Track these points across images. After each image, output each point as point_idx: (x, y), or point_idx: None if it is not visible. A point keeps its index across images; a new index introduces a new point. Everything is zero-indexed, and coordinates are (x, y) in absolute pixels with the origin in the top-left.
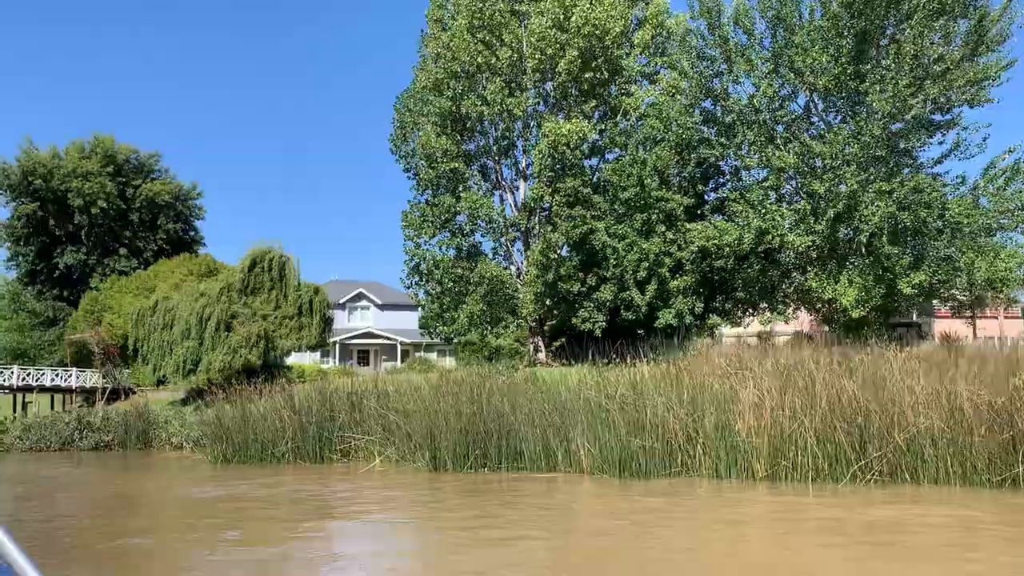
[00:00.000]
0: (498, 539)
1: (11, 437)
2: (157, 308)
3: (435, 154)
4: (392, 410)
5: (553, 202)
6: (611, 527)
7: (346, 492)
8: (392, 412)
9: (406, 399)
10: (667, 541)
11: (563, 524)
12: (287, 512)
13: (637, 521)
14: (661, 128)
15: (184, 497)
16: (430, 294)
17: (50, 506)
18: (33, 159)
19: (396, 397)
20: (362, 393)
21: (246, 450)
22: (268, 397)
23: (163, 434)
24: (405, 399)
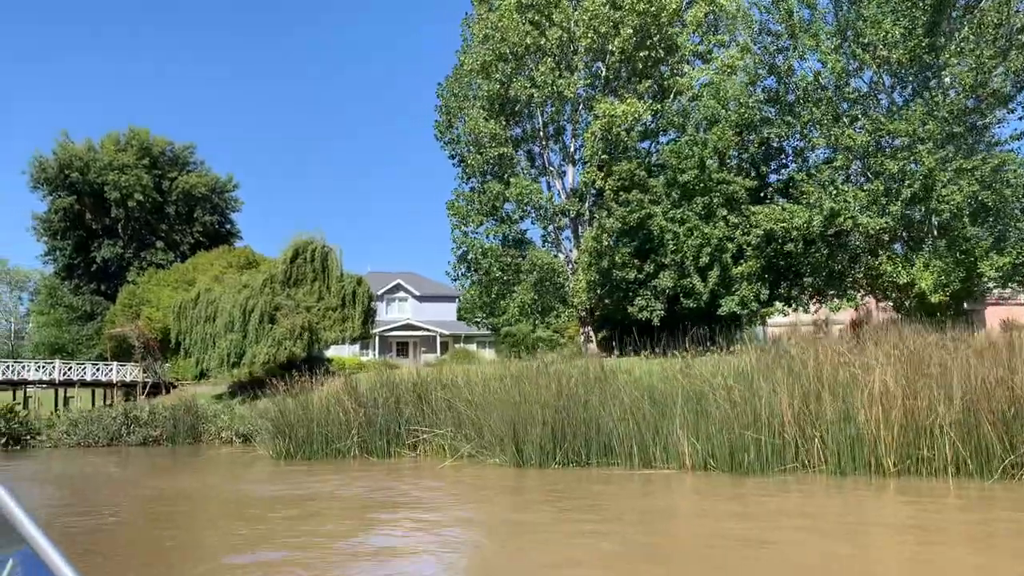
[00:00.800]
0: (620, 542)
1: (58, 432)
2: (199, 300)
3: (483, 139)
4: (465, 402)
5: (606, 187)
6: (748, 530)
7: (431, 489)
8: (464, 404)
9: (478, 390)
10: (822, 546)
11: (692, 528)
12: (374, 509)
13: (775, 524)
14: (719, 108)
15: (260, 495)
16: (477, 284)
17: (124, 504)
18: (69, 152)
19: (467, 388)
20: (427, 384)
21: (309, 445)
22: (318, 389)
23: (212, 428)
24: (477, 390)
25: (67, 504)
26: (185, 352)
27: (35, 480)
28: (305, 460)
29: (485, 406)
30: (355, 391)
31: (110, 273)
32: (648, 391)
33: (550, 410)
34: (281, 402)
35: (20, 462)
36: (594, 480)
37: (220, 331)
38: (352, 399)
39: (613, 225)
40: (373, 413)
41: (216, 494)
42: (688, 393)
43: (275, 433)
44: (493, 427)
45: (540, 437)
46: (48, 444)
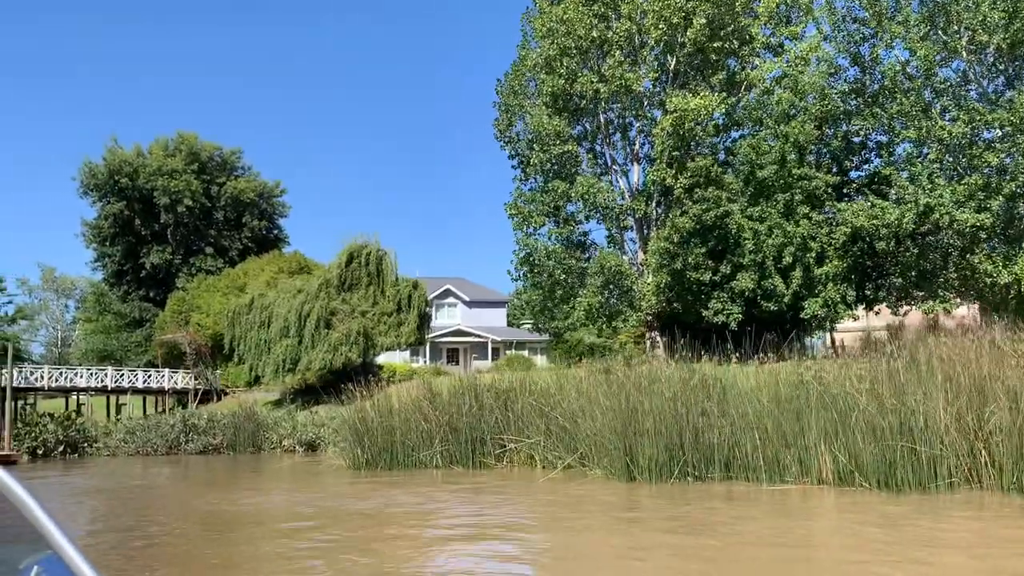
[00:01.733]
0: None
1: (115, 440)
2: (253, 306)
3: (546, 137)
4: (560, 410)
5: (676, 184)
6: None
7: (539, 506)
8: (558, 412)
9: (570, 396)
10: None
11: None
12: (481, 530)
13: (988, 551)
14: (796, 101)
15: (353, 509)
16: (540, 287)
17: (218, 525)
18: (118, 157)
19: (559, 394)
20: (512, 390)
21: (391, 454)
22: (378, 395)
23: (274, 436)
24: (570, 396)
25: (144, 519)
26: (239, 358)
27: (100, 492)
28: (385, 470)
29: (581, 414)
30: (435, 397)
31: (159, 279)
32: (774, 399)
33: (665, 419)
34: (360, 409)
35: (79, 471)
36: (721, 497)
37: (275, 337)
38: (433, 405)
39: (686, 224)
40: (457, 421)
41: (309, 511)
42: (824, 400)
43: (353, 441)
44: (594, 437)
45: (653, 448)
46: (106, 452)
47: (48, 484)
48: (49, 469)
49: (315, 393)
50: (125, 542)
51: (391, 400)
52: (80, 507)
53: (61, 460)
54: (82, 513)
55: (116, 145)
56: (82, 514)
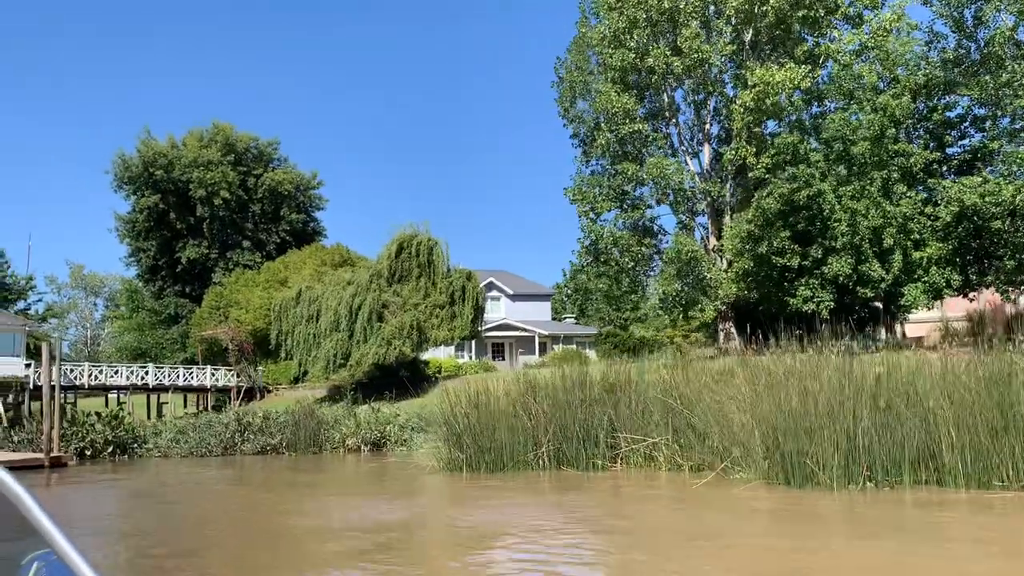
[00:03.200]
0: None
1: (165, 440)
2: (300, 299)
3: (615, 116)
4: (686, 404)
5: (758, 163)
6: None
7: (741, 516)
8: (685, 406)
9: (693, 387)
10: None
11: None
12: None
13: None
14: (885, 72)
15: (489, 528)
16: (607, 276)
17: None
18: (153, 149)
19: (685, 386)
20: (620, 384)
21: (495, 455)
22: (435, 391)
23: (335, 435)
24: (692, 388)
25: (246, 539)
26: (286, 354)
27: (166, 501)
28: (487, 473)
29: (719, 410)
30: (536, 391)
31: (195, 274)
32: (979, 389)
33: (846, 414)
34: (455, 404)
35: (134, 473)
36: (952, 505)
37: (324, 331)
38: (537, 400)
39: (772, 205)
40: (566, 417)
41: (459, 527)
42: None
43: (450, 441)
44: (739, 435)
45: (825, 449)
46: (156, 453)
47: (104, 488)
48: (99, 471)
49: (363, 389)
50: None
51: (480, 395)
52: (149, 519)
53: (110, 462)
54: (158, 530)
55: (150, 136)
56: (158, 531)
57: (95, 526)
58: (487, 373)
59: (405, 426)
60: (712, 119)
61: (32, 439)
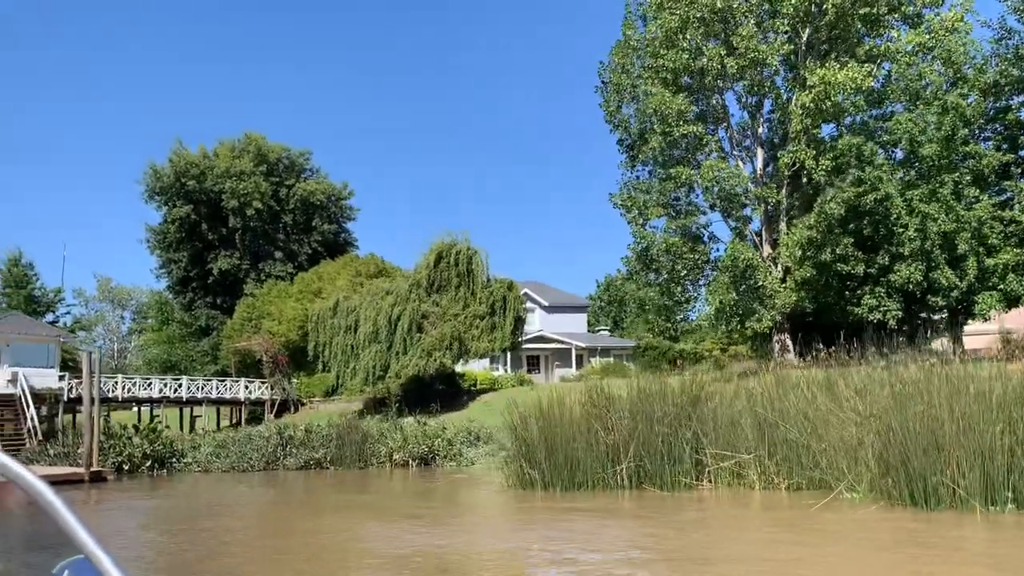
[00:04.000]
0: None
1: (204, 454)
2: (337, 310)
3: (668, 118)
4: (786, 420)
5: (818, 166)
6: None
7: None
8: (781, 421)
9: (789, 401)
10: None
11: None
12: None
13: None
14: (949, 72)
15: None
16: (657, 285)
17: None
18: (184, 159)
19: (779, 399)
20: (701, 397)
21: (573, 472)
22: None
23: (382, 450)
24: (787, 401)
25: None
26: (323, 366)
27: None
28: (564, 492)
29: (823, 424)
30: (611, 403)
31: (226, 286)
32: None
33: (982, 429)
34: (522, 416)
35: (173, 490)
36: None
37: (362, 342)
38: (612, 413)
39: (835, 210)
40: (648, 432)
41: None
42: None
43: (522, 456)
44: (853, 452)
45: (959, 467)
46: (196, 468)
47: (146, 504)
48: (139, 487)
49: (399, 403)
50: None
51: (552, 407)
52: (201, 543)
53: (148, 476)
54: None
55: (181, 147)
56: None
57: (144, 549)
58: (560, 384)
59: (454, 440)
60: (766, 122)
61: (68, 453)
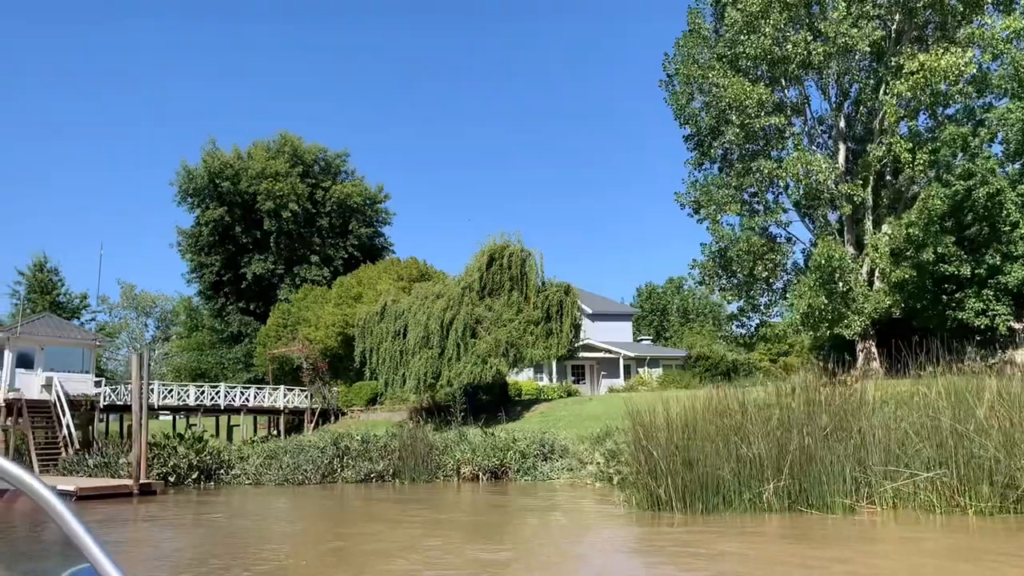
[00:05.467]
0: None
1: (254, 466)
2: (385, 314)
3: (748, 108)
4: (982, 433)
5: (916, 160)
6: None
7: None
8: (976, 433)
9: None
10: None
11: None
12: None
13: None
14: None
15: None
16: (735, 287)
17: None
18: (218, 160)
19: (962, 410)
20: (854, 407)
21: (708, 491)
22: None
23: (449, 462)
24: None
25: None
26: (371, 372)
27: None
28: (703, 515)
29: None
30: (745, 412)
31: (260, 291)
32: None
33: None
34: (646, 427)
35: (230, 504)
36: None
37: (413, 347)
38: (750, 422)
39: (938, 207)
40: (798, 446)
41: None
42: None
43: (646, 473)
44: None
45: None
46: (246, 480)
47: (204, 520)
48: (191, 500)
49: (445, 412)
50: None
51: (679, 416)
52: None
53: (195, 488)
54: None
55: (215, 148)
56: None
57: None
58: (668, 392)
59: (527, 452)
60: (849, 115)
61: (109, 463)
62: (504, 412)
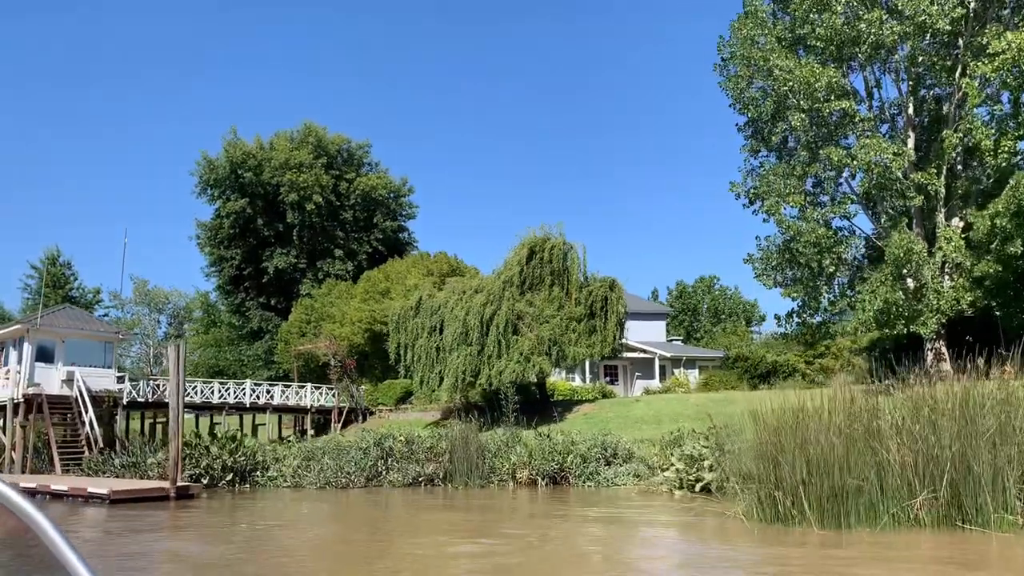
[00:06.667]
0: None
1: (291, 468)
2: (421, 308)
3: (817, 92)
4: None
5: (1002, 146)
6: None
7: None
8: None
9: None
10: None
11: None
12: None
13: None
14: None
15: None
16: (799, 284)
17: None
18: (240, 150)
19: None
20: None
21: (841, 503)
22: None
23: (504, 465)
24: None
25: None
26: (406, 370)
27: None
28: (832, 530)
29: None
30: (876, 415)
31: (281, 285)
32: None
33: None
34: (777, 430)
35: (277, 509)
36: None
37: (450, 344)
38: (901, 429)
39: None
40: (952, 454)
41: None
42: None
43: (766, 481)
44: None
45: None
46: (283, 483)
47: (263, 531)
48: (232, 505)
49: (480, 413)
50: None
51: (810, 418)
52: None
53: (229, 491)
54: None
55: (236, 138)
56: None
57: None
58: (717, 394)
59: (588, 456)
60: (922, 100)
61: (137, 463)
62: (541, 414)
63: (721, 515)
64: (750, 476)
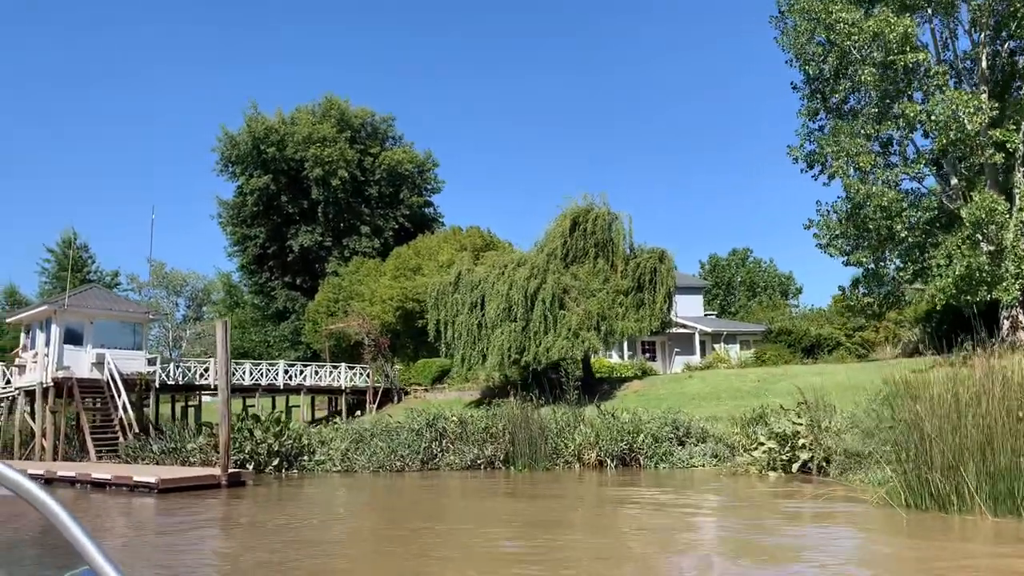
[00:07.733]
0: None
1: (339, 451)
2: (460, 284)
3: (891, 44)
4: None
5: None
6: None
7: None
8: None
9: None
10: None
11: None
12: None
13: None
14: None
15: None
16: (869, 250)
17: None
18: (262, 125)
19: None
20: None
21: (1004, 485)
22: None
23: (569, 446)
24: None
25: None
26: (446, 348)
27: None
28: (983, 515)
29: None
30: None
31: (306, 263)
32: None
33: None
34: (907, 397)
35: (338, 496)
36: None
37: (493, 320)
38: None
39: None
40: None
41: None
42: None
43: (913, 460)
44: None
45: None
46: (335, 468)
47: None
48: (290, 494)
49: (519, 391)
50: None
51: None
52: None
53: (276, 477)
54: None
55: (257, 112)
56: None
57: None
58: (775, 368)
59: (659, 436)
60: (1002, 51)
61: (177, 448)
62: (588, 392)
63: (849, 499)
64: (867, 456)
